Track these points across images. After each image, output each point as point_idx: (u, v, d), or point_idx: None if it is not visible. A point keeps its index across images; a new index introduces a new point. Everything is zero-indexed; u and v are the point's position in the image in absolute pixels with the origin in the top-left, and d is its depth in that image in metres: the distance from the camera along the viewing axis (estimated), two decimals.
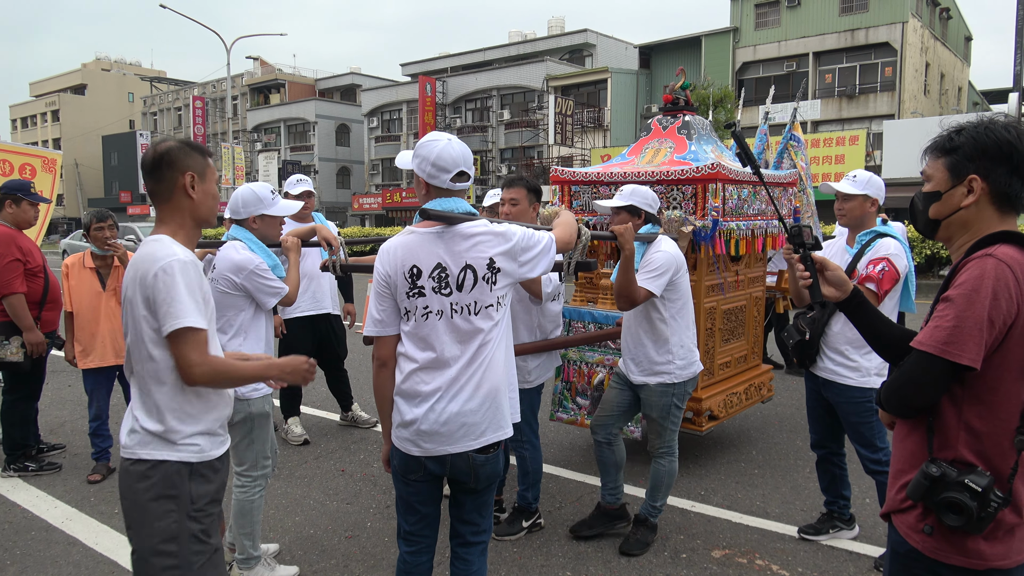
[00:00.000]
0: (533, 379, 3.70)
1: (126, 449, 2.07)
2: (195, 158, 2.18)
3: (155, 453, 2.04)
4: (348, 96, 47.76)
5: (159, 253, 2.04)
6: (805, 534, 3.69)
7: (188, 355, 2.01)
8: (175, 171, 2.14)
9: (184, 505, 2.04)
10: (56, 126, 61.32)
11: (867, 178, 3.40)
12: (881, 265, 3.21)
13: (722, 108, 25.39)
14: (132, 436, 2.07)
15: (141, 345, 2.05)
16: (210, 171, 2.23)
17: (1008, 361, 1.56)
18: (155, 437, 2.05)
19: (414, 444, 2.31)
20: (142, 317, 2.04)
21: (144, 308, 2.03)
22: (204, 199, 2.19)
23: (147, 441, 2.05)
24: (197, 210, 2.19)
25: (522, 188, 3.66)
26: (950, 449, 1.63)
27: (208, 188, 2.21)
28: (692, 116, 4.72)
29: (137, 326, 2.05)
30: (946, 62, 31.54)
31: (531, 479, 3.77)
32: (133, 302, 2.05)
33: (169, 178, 2.14)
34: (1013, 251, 1.57)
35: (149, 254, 2.05)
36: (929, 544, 1.65)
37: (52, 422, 5.90)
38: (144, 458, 2.04)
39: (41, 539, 3.79)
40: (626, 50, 37.54)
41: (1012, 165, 1.62)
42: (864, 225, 3.44)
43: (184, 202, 2.16)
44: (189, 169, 2.15)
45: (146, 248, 2.08)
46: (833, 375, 3.42)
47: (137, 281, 2.04)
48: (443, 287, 2.27)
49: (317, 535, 3.81)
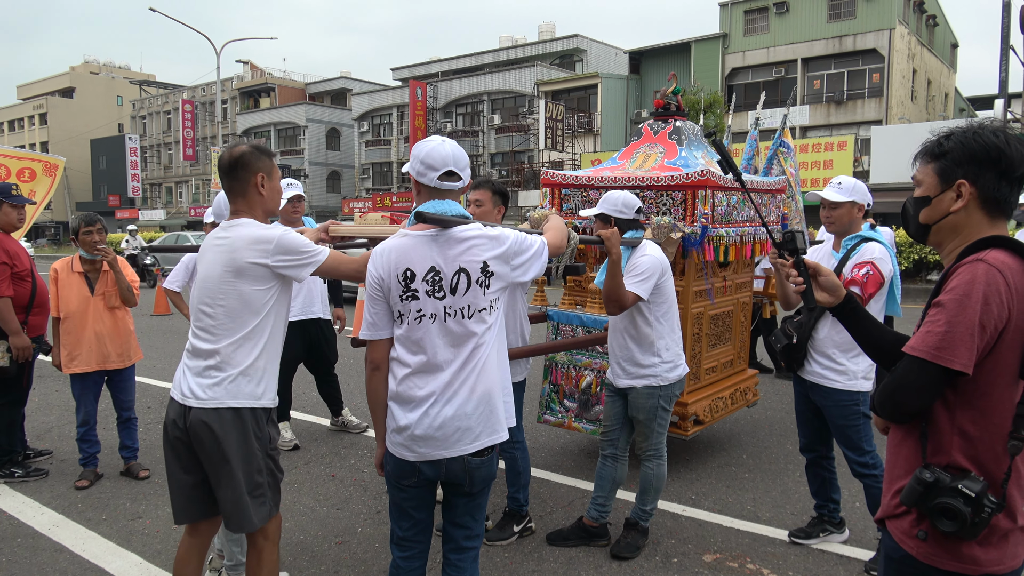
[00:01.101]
0: (515, 375, 3.68)
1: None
2: (264, 160, 2.61)
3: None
4: (339, 100, 47.68)
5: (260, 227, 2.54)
6: (796, 538, 3.70)
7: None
8: (249, 172, 2.57)
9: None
10: (44, 129, 60.89)
11: (852, 184, 3.43)
12: (866, 269, 3.24)
13: (711, 113, 25.52)
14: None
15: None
16: (276, 171, 2.67)
17: (1000, 366, 1.57)
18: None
19: (408, 449, 2.30)
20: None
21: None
22: (272, 195, 2.65)
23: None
24: (267, 204, 2.64)
25: (487, 190, 3.67)
26: (944, 454, 1.63)
27: (275, 185, 2.65)
28: (683, 122, 4.74)
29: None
30: (933, 68, 31.83)
31: (522, 480, 3.77)
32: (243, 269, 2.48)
33: (244, 178, 2.57)
34: (1004, 256, 1.58)
35: (256, 229, 2.52)
36: (923, 550, 1.65)
37: (39, 427, 5.84)
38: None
39: (27, 546, 3.75)
40: (616, 55, 37.68)
41: (1000, 170, 1.63)
42: (851, 230, 3.46)
43: (256, 198, 2.60)
44: (260, 170, 2.59)
45: (249, 228, 2.52)
46: (820, 378, 3.44)
47: (253, 248, 2.47)
48: (437, 290, 2.27)
49: (307, 541, 3.79)
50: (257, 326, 2.55)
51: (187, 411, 2.51)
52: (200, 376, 2.52)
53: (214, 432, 2.48)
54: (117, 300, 4.58)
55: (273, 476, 2.65)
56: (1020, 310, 1.55)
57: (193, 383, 2.53)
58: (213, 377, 2.51)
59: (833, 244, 3.55)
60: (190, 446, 2.54)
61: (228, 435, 2.49)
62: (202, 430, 2.49)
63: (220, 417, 2.49)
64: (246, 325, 2.53)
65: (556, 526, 3.86)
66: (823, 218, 3.51)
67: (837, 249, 3.50)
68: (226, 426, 2.49)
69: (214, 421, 2.48)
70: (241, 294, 2.50)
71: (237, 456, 2.51)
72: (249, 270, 2.49)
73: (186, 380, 2.56)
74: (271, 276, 2.53)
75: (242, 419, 2.52)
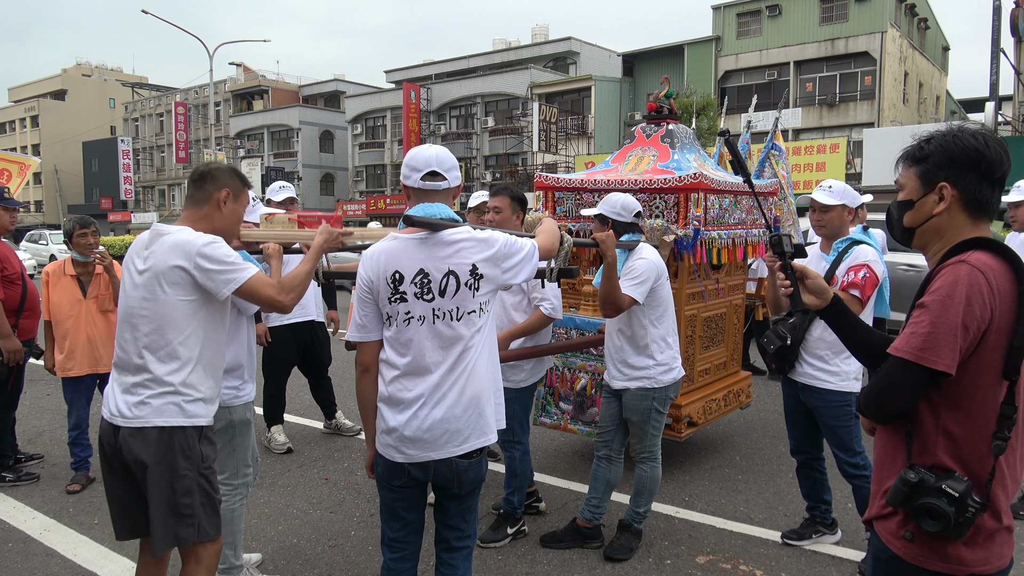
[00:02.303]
0: (524, 379, 3.74)
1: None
2: (236, 182, 2.60)
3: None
4: (332, 103, 47.62)
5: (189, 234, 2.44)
6: (788, 539, 3.72)
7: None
8: (216, 185, 2.55)
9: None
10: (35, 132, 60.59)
11: (842, 188, 3.45)
12: (863, 272, 3.26)
13: (704, 116, 25.60)
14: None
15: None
16: (244, 196, 2.64)
17: (984, 366, 1.58)
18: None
19: (397, 451, 2.31)
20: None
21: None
22: (231, 216, 2.60)
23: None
24: (223, 222, 2.58)
25: (506, 197, 3.73)
26: (929, 455, 1.65)
27: (236, 209, 2.61)
28: (675, 125, 4.76)
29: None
30: (924, 71, 32.00)
31: (518, 482, 3.77)
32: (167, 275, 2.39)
33: (209, 190, 2.54)
34: (986, 257, 1.60)
35: (184, 235, 2.43)
36: (910, 550, 1.66)
37: (30, 431, 5.81)
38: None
39: (19, 551, 3.73)
40: (609, 58, 37.76)
41: (980, 172, 1.65)
42: (841, 233, 3.48)
43: (214, 212, 2.56)
44: (228, 187, 2.57)
45: (179, 234, 2.44)
46: (812, 379, 3.46)
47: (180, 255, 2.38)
48: (425, 292, 2.28)
49: (300, 544, 3.78)
50: (183, 342, 2.43)
51: (116, 430, 2.43)
52: (127, 393, 2.43)
53: (139, 451, 2.39)
54: (110, 303, 4.56)
55: (208, 497, 2.51)
56: (1002, 311, 1.57)
57: (120, 401, 2.44)
58: (139, 395, 2.41)
59: (822, 247, 3.57)
60: (124, 464, 2.45)
61: (153, 455, 2.39)
62: (129, 449, 2.40)
63: (145, 436, 2.39)
64: (169, 340, 2.41)
65: (550, 528, 3.87)
66: (813, 221, 3.53)
67: (827, 252, 3.52)
68: (152, 446, 2.39)
69: (139, 440, 2.39)
70: (162, 304, 2.40)
71: (162, 476, 2.39)
72: (168, 274, 2.39)
73: (114, 397, 2.46)
74: (192, 285, 2.41)
75: (169, 438, 2.41)
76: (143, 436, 2.39)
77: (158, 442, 2.40)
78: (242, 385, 3.18)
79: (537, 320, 3.65)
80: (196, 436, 2.49)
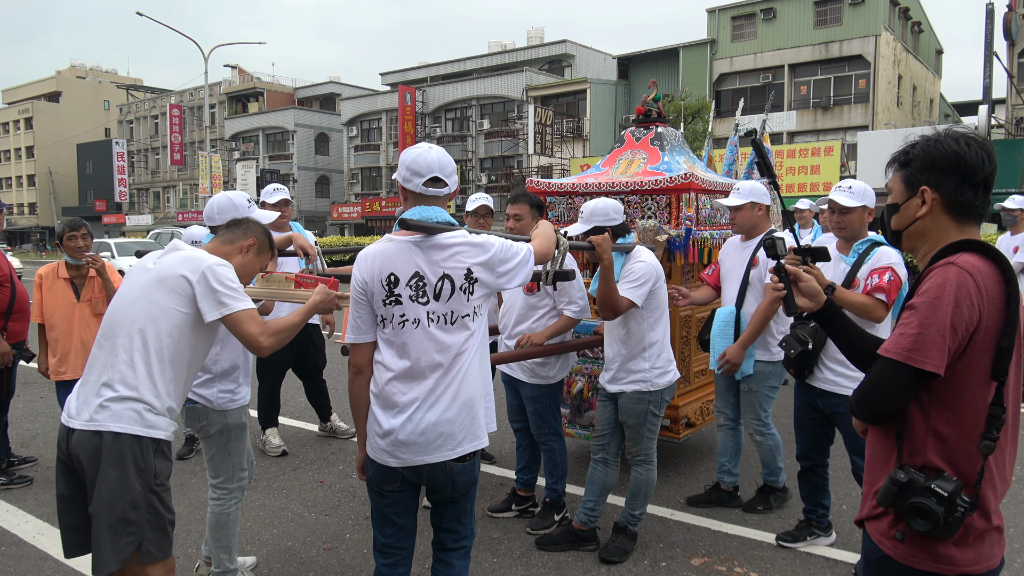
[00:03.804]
0: (555, 375, 3.86)
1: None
2: (266, 240, 2.77)
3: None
4: (327, 105, 47.60)
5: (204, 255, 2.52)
6: (783, 541, 3.72)
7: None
8: (248, 233, 2.73)
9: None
10: (29, 134, 60.43)
11: (862, 188, 3.35)
12: (888, 275, 3.19)
13: (700, 119, 25.68)
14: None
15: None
16: (266, 257, 2.79)
17: (972, 367, 1.60)
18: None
19: (390, 455, 2.31)
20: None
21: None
22: (245, 267, 2.70)
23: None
24: (238, 269, 2.62)
25: (525, 204, 3.91)
26: (919, 455, 1.66)
27: (252, 262, 2.74)
28: (664, 127, 4.78)
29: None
30: (918, 74, 32.15)
31: (559, 471, 3.93)
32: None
33: (239, 234, 2.72)
34: (975, 259, 1.62)
35: (201, 254, 2.52)
36: (901, 550, 1.67)
37: (23, 435, 5.79)
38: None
39: (11, 555, 3.72)
40: (605, 61, 37.84)
41: (960, 175, 1.67)
42: (860, 235, 3.40)
43: (234, 255, 2.67)
44: (256, 240, 2.73)
45: (196, 252, 2.52)
46: (834, 386, 3.39)
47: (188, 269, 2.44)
48: (420, 296, 2.28)
49: (295, 547, 3.78)
50: (161, 352, 2.39)
51: (70, 433, 2.36)
52: (90, 395, 2.37)
53: (88, 455, 2.30)
54: (103, 307, 4.55)
55: (156, 515, 2.38)
56: (991, 312, 1.58)
57: (81, 402, 2.38)
58: (101, 396, 2.34)
59: (840, 248, 3.47)
60: (73, 470, 2.38)
61: (102, 459, 2.29)
62: (79, 452, 2.32)
63: (100, 439, 2.30)
64: (148, 347, 2.37)
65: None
66: (832, 223, 3.45)
67: (846, 253, 3.43)
68: (104, 450, 2.29)
69: (91, 443, 2.30)
70: (155, 307, 2.39)
71: (107, 484, 2.28)
72: (171, 280, 2.40)
73: (75, 399, 2.41)
74: (189, 298, 2.40)
75: (122, 445, 2.31)
76: (96, 439, 2.30)
77: (110, 447, 2.30)
78: (238, 388, 3.18)
79: (564, 323, 3.77)
80: (152, 448, 2.38)
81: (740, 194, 3.76)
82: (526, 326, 3.83)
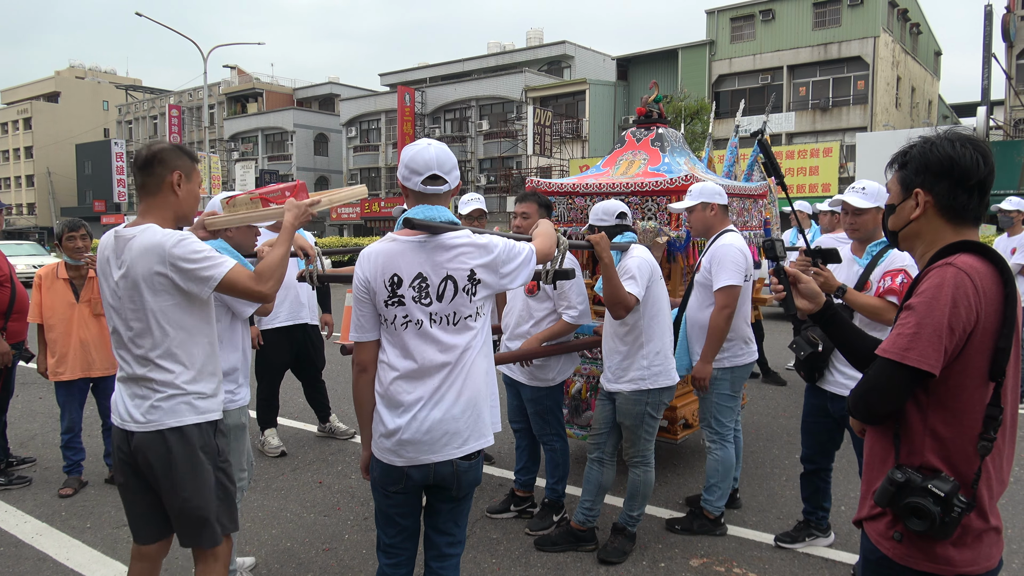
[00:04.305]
0: (554, 377, 3.87)
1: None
2: (185, 160, 2.46)
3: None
4: (326, 105, 47.60)
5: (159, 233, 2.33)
6: (781, 542, 3.72)
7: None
8: (166, 168, 2.41)
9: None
10: (28, 134, 60.37)
11: (876, 189, 3.30)
12: (900, 277, 3.15)
13: (699, 120, 25.70)
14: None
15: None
16: (196, 173, 2.52)
17: (970, 368, 1.60)
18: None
19: (396, 454, 2.30)
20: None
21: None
22: (188, 198, 2.49)
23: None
24: (181, 207, 2.48)
25: (533, 203, 3.92)
26: (916, 455, 1.66)
27: (192, 188, 2.50)
28: (665, 128, 4.79)
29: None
30: (916, 76, 32.18)
31: (561, 472, 3.94)
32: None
33: (159, 173, 2.41)
34: (972, 260, 1.62)
35: (152, 236, 2.33)
36: (899, 551, 1.67)
37: (22, 435, 5.79)
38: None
39: (10, 555, 3.71)
40: (604, 62, 37.86)
41: (954, 179, 1.68)
42: (875, 237, 3.35)
43: (169, 198, 2.44)
44: (178, 168, 2.44)
45: (145, 235, 2.33)
46: (845, 389, 3.31)
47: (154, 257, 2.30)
48: (423, 297, 2.27)
49: (294, 548, 3.78)
50: (179, 344, 2.40)
51: (129, 435, 2.41)
52: (135, 399, 2.40)
53: (159, 454, 2.37)
54: (102, 307, 4.55)
55: (226, 491, 2.52)
56: (988, 313, 1.59)
57: (130, 406, 2.41)
58: (148, 398, 2.38)
59: (854, 249, 3.43)
60: (137, 468, 2.44)
61: (172, 456, 2.38)
62: (146, 453, 2.38)
63: (163, 439, 2.38)
64: (164, 344, 2.37)
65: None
66: (846, 225, 3.41)
67: (859, 255, 3.38)
68: (170, 447, 2.38)
69: (158, 443, 2.37)
70: (150, 311, 2.35)
71: (186, 475, 2.40)
72: (149, 280, 2.33)
73: (123, 403, 2.43)
74: (174, 288, 2.35)
75: (187, 437, 2.40)
76: (160, 439, 2.38)
77: (178, 442, 2.39)
78: (237, 389, 3.17)
79: (561, 328, 3.76)
80: (211, 431, 2.48)
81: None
82: (527, 327, 3.83)
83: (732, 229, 3.78)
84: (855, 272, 3.34)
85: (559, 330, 3.75)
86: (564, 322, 3.74)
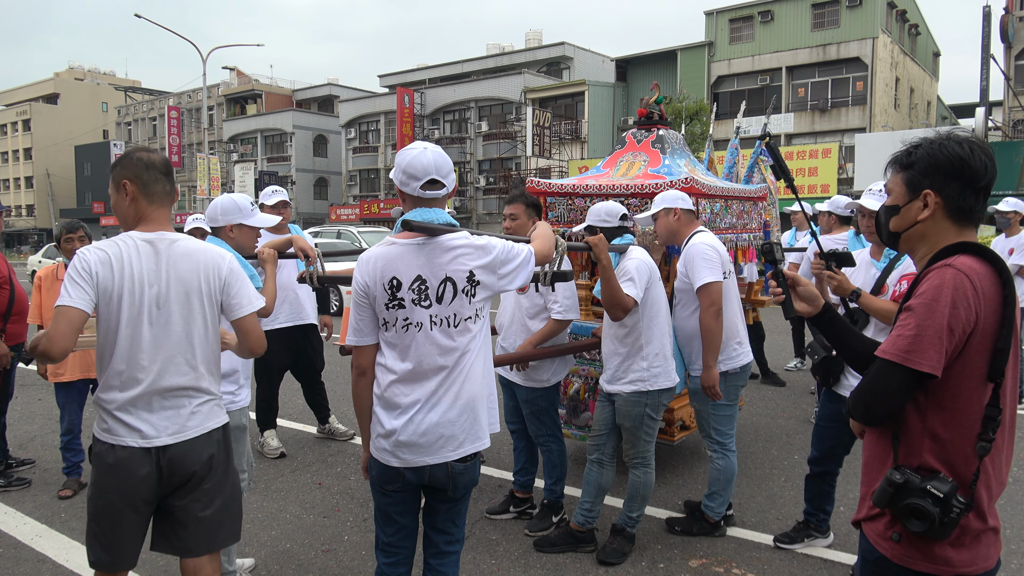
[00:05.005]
0: (549, 378, 3.86)
1: None
2: (137, 165, 2.49)
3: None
4: (326, 107, 47.60)
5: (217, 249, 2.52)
6: (780, 543, 3.72)
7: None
8: (118, 177, 2.46)
9: None
10: (27, 135, 60.39)
11: None
12: None
13: (697, 121, 25.71)
14: None
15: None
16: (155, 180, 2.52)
17: (969, 369, 1.60)
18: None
19: (392, 455, 2.32)
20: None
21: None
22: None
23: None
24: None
25: (521, 204, 3.87)
26: (915, 456, 1.66)
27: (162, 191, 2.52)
28: (666, 130, 4.79)
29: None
30: (915, 77, 32.21)
31: (558, 472, 3.94)
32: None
33: (174, 183, 2.54)
34: (972, 261, 1.62)
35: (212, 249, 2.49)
36: (897, 551, 1.68)
37: (21, 437, 5.79)
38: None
39: (9, 557, 3.71)
40: (603, 63, 37.88)
41: (964, 180, 1.67)
42: None
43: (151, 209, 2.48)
44: (129, 177, 2.46)
45: (200, 246, 2.46)
46: None
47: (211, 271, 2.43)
48: (423, 299, 2.28)
49: (293, 549, 3.78)
50: (209, 353, 2.47)
51: (160, 451, 2.33)
52: (165, 409, 2.35)
53: (204, 459, 2.41)
54: None
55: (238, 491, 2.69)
56: (987, 314, 1.59)
57: (159, 419, 2.34)
58: (186, 406, 2.39)
59: (872, 252, 3.42)
60: (154, 489, 2.35)
61: (217, 456, 2.47)
62: (186, 462, 2.37)
63: (210, 440, 2.44)
64: (215, 352, 2.48)
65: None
66: (863, 227, 3.41)
67: (877, 258, 3.36)
68: (217, 447, 2.47)
69: (202, 447, 2.41)
70: (197, 322, 2.40)
71: (226, 475, 2.52)
72: (204, 290, 2.41)
73: (143, 420, 2.32)
74: (217, 303, 2.47)
75: (225, 436, 2.53)
76: (206, 441, 2.43)
77: (220, 441, 2.49)
78: (238, 390, 3.18)
79: (552, 328, 3.75)
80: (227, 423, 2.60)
81: (654, 205, 3.64)
82: (519, 327, 3.84)
83: (702, 230, 3.72)
84: (872, 275, 3.32)
85: (550, 330, 3.74)
86: (554, 321, 3.73)
